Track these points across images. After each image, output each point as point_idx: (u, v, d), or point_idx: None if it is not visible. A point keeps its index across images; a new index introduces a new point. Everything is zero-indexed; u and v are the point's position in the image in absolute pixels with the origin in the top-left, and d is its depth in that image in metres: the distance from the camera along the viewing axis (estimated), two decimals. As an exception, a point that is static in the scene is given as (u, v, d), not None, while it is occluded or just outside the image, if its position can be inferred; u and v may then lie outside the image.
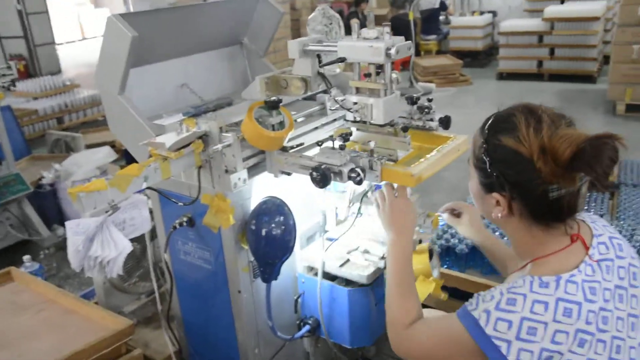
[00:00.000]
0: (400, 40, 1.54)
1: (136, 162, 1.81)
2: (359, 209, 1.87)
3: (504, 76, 8.35)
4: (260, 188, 1.79)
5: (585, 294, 1.14)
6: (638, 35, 5.92)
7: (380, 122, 1.59)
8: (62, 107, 6.50)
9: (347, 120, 1.70)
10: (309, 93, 1.75)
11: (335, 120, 1.97)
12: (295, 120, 1.82)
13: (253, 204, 1.77)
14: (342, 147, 1.54)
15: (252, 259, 1.81)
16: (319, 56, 1.77)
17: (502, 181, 1.22)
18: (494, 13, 10.06)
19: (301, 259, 1.95)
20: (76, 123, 6.56)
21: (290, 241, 1.73)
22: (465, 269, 2.49)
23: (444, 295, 1.80)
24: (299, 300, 2.02)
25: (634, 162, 4.14)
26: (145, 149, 1.81)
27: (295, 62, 1.74)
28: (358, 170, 1.50)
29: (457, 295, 2.38)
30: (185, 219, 1.83)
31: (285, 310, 2.00)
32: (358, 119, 1.61)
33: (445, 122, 1.84)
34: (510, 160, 1.19)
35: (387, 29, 1.52)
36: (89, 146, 4.90)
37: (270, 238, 1.69)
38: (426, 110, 1.81)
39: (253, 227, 1.71)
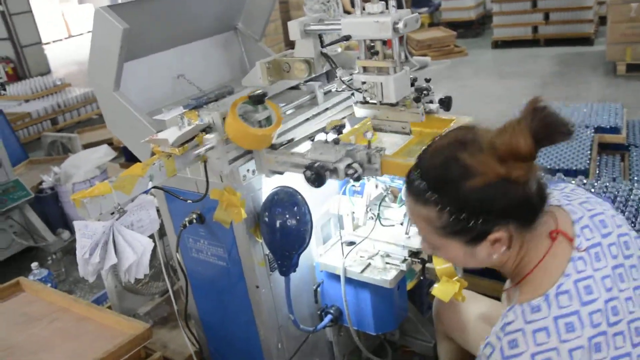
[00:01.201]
0: (407, 13, 1.46)
1: (137, 159, 1.74)
2: (378, 214, 1.80)
3: (499, 44, 8.21)
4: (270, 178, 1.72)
5: (582, 298, 1.06)
6: (635, -8, 5.80)
7: (392, 101, 1.51)
8: (55, 107, 6.40)
9: (357, 102, 1.63)
10: (313, 75, 1.67)
11: (327, 109, 1.85)
12: (285, 113, 1.73)
13: (264, 195, 1.70)
14: (336, 141, 1.44)
15: (267, 252, 1.75)
16: (320, 36, 1.69)
17: (489, 222, 1.08)
18: (485, -20, 9.89)
19: (320, 262, 1.89)
20: (71, 123, 6.46)
21: (307, 231, 1.66)
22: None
23: (462, 297, 1.72)
24: (318, 289, 1.96)
25: (641, 122, 4.06)
26: (146, 146, 1.74)
27: (296, 44, 1.66)
28: (355, 166, 1.41)
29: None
30: (194, 216, 1.76)
31: (304, 300, 1.94)
32: (368, 99, 1.53)
33: (446, 103, 1.73)
34: (486, 197, 1.05)
35: (393, 2, 1.44)
36: (86, 146, 4.82)
37: (285, 229, 1.62)
38: (425, 91, 1.70)
39: (266, 220, 1.64)
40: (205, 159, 1.61)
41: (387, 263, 1.79)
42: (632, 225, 2.04)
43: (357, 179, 1.42)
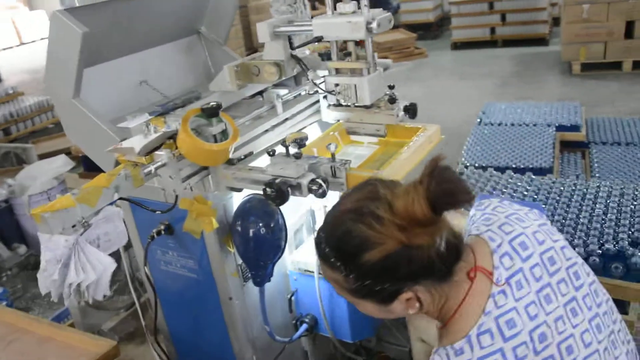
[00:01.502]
0: (379, 12, 1.43)
1: (98, 168, 1.66)
2: None
3: (459, 45, 8.34)
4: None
5: (504, 334, 1.04)
6: (587, -6, 5.97)
7: (367, 103, 1.48)
8: (7, 117, 6.13)
9: (330, 105, 1.58)
10: (284, 78, 1.62)
11: (287, 119, 1.78)
12: (244, 124, 1.67)
13: (235, 203, 1.64)
14: (297, 156, 1.38)
15: (240, 262, 1.69)
16: (290, 38, 1.64)
17: (396, 285, 1.05)
18: (442, -17, 10.04)
19: (293, 261, 1.83)
20: (24, 133, 6.20)
21: (281, 239, 1.61)
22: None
23: None
24: (292, 298, 1.91)
25: (599, 120, 4.17)
26: (109, 156, 1.66)
27: (265, 46, 1.61)
28: (319, 181, 1.35)
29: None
30: (162, 227, 1.69)
31: (278, 310, 1.89)
32: (342, 101, 1.50)
33: (411, 111, 1.67)
34: (389, 265, 1.01)
35: (365, 1, 1.40)
36: (42, 156, 4.62)
37: (259, 238, 1.57)
38: (389, 99, 1.64)
39: (239, 229, 1.58)
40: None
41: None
42: (602, 221, 2.06)
43: (322, 196, 1.35)
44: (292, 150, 1.39)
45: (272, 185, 1.33)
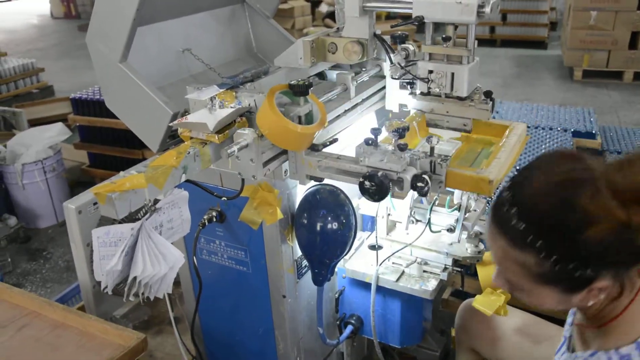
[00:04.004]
0: (486, -5, 1.28)
1: (97, 140, 1.48)
2: (429, 219, 1.59)
3: (456, 42, 8.26)
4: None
5: None
6: (596, 1, 5.93)
7: (463, 94, 1.34)
8: (-13, 78, 5.77)
9: (414, 92, 1.44)
10: (365, 60, 1.47)
11: (356, 105, 1.61)
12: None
13: (299, 193, 1.49)
14: (402, 147, 1.21)
15: (297, 257, 1.54)
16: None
17: (597, 271, 0.92)
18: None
19: (346, 266, 1.69)
20: (7, 96, 5.83)
21: (351, 237, 1.47)
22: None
23: (505, 311, 1.59)
24: (339, 297, 1.77)
25: (611, 128, 4.12)
26: (155, 130, 1.49)
27: (347, 22, 1.45)
28: (426, 177, 1.19)
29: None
30: (214, 213, 1.52)
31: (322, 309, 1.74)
32: (437, 90, 1.35)
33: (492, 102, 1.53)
34: (604, 246, 0.89)
35: (475, -19, 1.26)
36: (30, 122, 4.35)
37: (327, 234, 1.42)
38: (485, 92, 1.50)
39: (305, 222, 1.43)
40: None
41: (424, 272, 1.63)
42: None
43: (425, 194, 1.22)
44: (391, 139, 1.23)
45: (374, 178, 1.17)
